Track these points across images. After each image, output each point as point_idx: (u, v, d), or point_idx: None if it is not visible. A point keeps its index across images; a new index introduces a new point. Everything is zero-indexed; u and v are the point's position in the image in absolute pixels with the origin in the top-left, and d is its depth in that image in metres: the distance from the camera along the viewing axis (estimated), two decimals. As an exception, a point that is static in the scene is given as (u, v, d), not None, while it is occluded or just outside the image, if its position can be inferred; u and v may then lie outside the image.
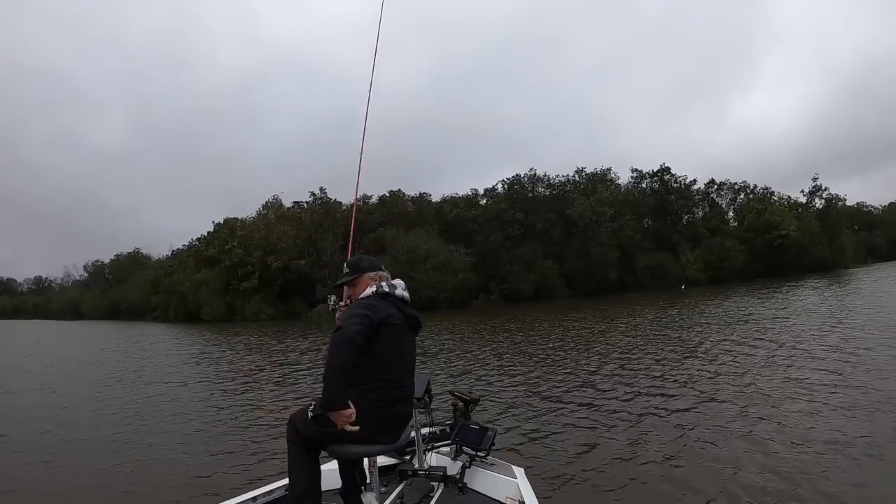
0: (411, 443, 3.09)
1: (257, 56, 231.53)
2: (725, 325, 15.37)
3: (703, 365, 9.45)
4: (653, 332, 14.97)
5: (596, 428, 6.15)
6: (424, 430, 3.27)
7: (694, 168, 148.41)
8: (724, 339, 12.31)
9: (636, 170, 52.02)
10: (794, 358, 9.43)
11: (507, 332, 18.64)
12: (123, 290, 65.70)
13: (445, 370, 10.92)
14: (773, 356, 9.76)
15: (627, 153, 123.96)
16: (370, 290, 2.54)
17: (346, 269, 2.68)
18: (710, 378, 8.36)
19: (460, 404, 3.50)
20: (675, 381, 8.37)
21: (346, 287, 2.70)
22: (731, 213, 54.00)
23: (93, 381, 12.79)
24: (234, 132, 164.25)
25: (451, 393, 3.65)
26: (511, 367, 10.78)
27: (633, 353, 11.38)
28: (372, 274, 2.64)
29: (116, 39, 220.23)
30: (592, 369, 9.90)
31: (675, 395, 7.41)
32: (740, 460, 4.83)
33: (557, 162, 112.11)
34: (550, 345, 14.03)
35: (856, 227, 67.76)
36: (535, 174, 48.45)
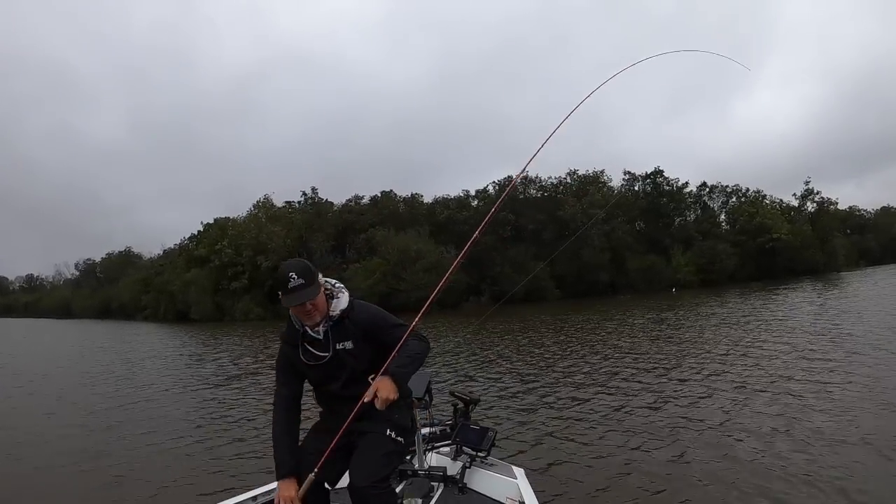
0: (411, 443, 3.04)
1: (260, 52, 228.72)
2: (719, 326, 15.45)
3: (705, 365, 9.50)
4: (650, 334, 15.05)
5: (596, 428, 6.18)
6: (424, 430, 3.26)
7: (695, 170, 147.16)
8: (723, 340, 12.38)
9: (628, 172, 52.12)
10: (795, 358, 9.51)
11: (500, 333, 18.60)
12: (114, 289, 65.33)
13: (443, 371, 10.98)
14: (774, 356, 9.86)
15: (629, 155, 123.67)
16: (346, 296, 2.22)
17: (300, 280, 2.05)
18: (712, 378, 8.37)
19: (460, 404, 3.51)
20: (676, 381, 8.40)
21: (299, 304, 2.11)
22: (722, 216, 54.10)
23: (80, 384, 12.59)
24: (234, 129, 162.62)
25: (452, 393, 3.66)
26: (509, 368, 10.85)
27: (631, 354, 11.47)
28: (335, 283, 2.26)
29: (117, 33, 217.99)
30: (591, 370, 9.99)
31: (677, 396, 7.43)
32: (745, 460, 4.80)
33: (558, 163, 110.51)
34: (547, 346, 14.09)
35: (848, 230, 67.93)
36: (526, 176, 48.33)
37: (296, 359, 2.24)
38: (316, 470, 2.07)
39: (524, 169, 2.91)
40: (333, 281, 2.29)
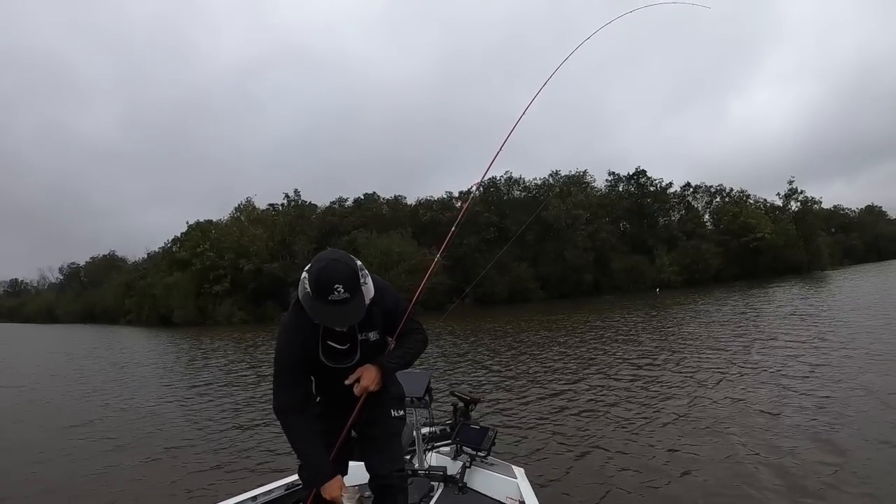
0: (411, 443, 3.08)
1: (258, 47, 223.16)
2: (722, 324, 15.51)
3: (702, 364, 9.48)
4: (649, 333, 15.08)
5: (596, 428, 6.18)
6: (424, 430, 3.27)
7: (690, 169, 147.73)
8: (723, 341, 12.33)
9: (613, 173, 52.30)
10: (809, 350, 9.66)
11: (497, 334, 18.56)
12: (98, 293, 64.72)
13: (443, 371, 10.98)
14: (791, 355, 9.81)
15: (626, 155, 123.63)
16: (370, 279, 1.90)
17: (345, 294, 1.72)
18: (712, 379, 8.31)
19: (461, 404, 3.53)
20: (676, 380, 8.34)
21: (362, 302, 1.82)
22: (706, 216, 54.32)
23: (67, 391, 12.24)
24: (230, 128, 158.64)
25: (452, 393, 3.69)
26: (509, 368, 10.86)
27: (629, 353, 11.49)
28: (360, 264, 1.86)
29: (112, 26, 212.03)
30: (589, 369, 10.04)
31: (677, 396, 7.36)
32: (746, 461, 4.77)
33: (555, 162, 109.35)
34: (545, 346, 14.11)
35: (832, 229, 68.45)
36: (510, 177, 48.40)
37: (314, 359, 1.92)
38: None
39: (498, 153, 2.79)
40: (354, 258, 1.87)
